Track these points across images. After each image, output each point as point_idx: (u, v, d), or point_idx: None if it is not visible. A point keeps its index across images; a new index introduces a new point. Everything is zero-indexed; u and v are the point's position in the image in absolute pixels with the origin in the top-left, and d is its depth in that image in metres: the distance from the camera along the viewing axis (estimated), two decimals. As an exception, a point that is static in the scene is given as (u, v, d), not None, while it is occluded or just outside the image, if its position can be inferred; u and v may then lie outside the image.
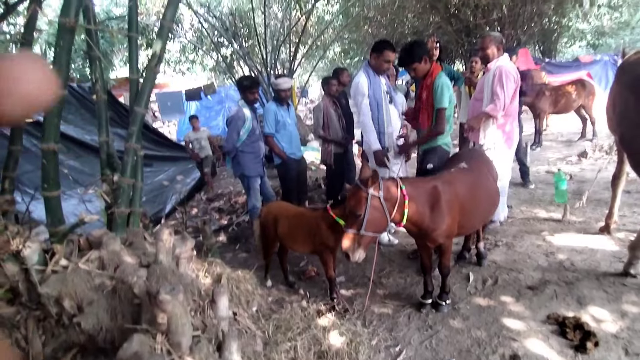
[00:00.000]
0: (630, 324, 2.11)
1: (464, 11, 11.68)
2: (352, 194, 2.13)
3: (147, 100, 2.83)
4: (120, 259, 2.16)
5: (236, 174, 3.98)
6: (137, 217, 2.81)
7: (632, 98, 2.31)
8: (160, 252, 2.11)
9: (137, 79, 2.83)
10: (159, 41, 2.77)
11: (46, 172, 2.02)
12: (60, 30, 1.84)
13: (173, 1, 2.84)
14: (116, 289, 2.07)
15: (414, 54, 2.93)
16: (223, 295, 2.17)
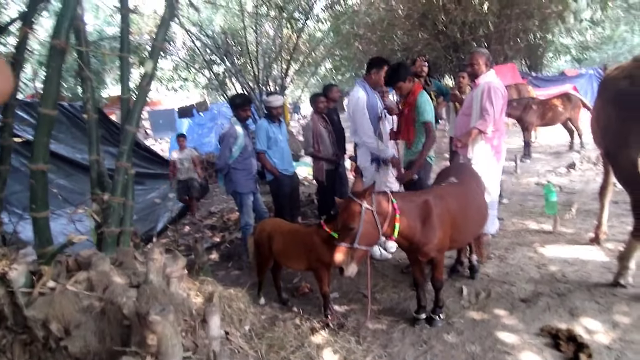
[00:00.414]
0: (622, 335, 2.11)
1: (451, 28, 11.95)
2: (345, 206, 2.14)
3: (138, 118, 2.84)
4: (109, 280, 2.13)
5: (229, 190, 3.98)
6: (127, 236, 2.79)
7: (615, 112, 2.38)
8: (151, 272, 2.09)
9: (128, 98, 2.85)
10: (150, 61, 2.81)
11: (35, 192, 2.00)
12: (52, 51, 1.86)
13: (164, 23, 2.90)
14: (105, 311, 2.04)
15: (400, 74, 3.11)
16: (215, 314, 2.15)
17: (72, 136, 6.41)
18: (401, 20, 12.72)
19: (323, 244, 2.66)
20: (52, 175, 5.58)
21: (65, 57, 1.92)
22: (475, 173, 3.09)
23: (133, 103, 2.83)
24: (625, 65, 2.41)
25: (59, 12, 1.89)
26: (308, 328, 2.67)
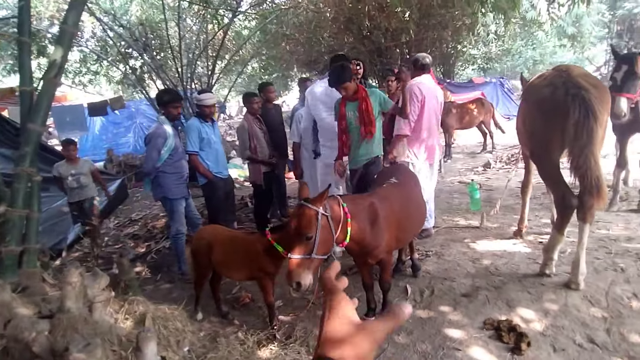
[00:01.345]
0: (553, 321, 2.29)
1: (376, 34, 12.42)
2: (300, 214, 1.98)
3: (44, 115, 2.42)
4: (11, 312, 1.75)
5: (157, 197, 3.59)
6: (33, 255, 2.36)
7: (539, 116, 2.59)
8: (68, 299, 1.75)
9: (30, 91, 2.41)
10: (59, 48, 2.40)
11: None
12: None
13: (76, 4, 2.50)
14: (8, 350, 1.66)
15: (346, 74, 3.05)
16: (150, 340, 1.86)
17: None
18: (328, 23, 12.91)
19: (267, 254, 2.51)
20: None
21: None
22: (412, 173, 3.19)
23: (37, 97, 2.40)
24: (547, 74, 2.64)
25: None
26: (254, 342, 2.49)
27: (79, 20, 2.68)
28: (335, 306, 0.58)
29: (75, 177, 4.37)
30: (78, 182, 4.38)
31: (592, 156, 2.28)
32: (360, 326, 0.55)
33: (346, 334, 0.54)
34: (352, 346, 0.52)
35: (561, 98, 2.37)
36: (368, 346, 0.52)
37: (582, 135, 2.28)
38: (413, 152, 3.66)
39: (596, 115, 2.26)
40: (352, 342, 0.52)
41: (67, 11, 2.45)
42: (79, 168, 4.43)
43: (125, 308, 2.32)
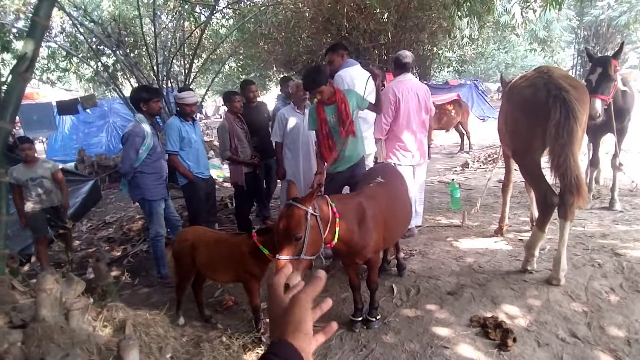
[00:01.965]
0: (536, 317, 2.34)
1: (354, 35, 12.47)
2: (289, 214, 1.93)
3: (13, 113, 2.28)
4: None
5: (135, 198, 3.45)
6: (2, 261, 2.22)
7: (521, 116, 2.64)
8: (43, 307, 1.64)
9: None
10: (30, 41, 2.27)
11: None
12: None
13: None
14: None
15: (322, 77, 2.94)
16: (132, 348, 1.77)
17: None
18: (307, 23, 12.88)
19: (253, 255, 2.45)
20: None
21: None
22: (398, 172, 3.19)
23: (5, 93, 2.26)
24: (529, 75, 2.70)
25: None
26: (239, 346, 2.43)
27: (51, 13, 2.54)
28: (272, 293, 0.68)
29: (37, 182, 3.77)
30: (42, 187, 3.79)
31: (572, 155, 2.34)
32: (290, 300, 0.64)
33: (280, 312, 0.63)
34: (287, 320, 0.60)
35: (543, 99, 2.43)
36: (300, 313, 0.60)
37: (563, 135, 2.34)
38: (394, 153, 3.69)
39: (576, 115, 2.33)
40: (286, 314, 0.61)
41: (38, 2, 2.32)
42: (38, 170, 3.83)
43: (103, 315, 2.21)
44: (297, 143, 3.85)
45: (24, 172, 3.77)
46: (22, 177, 3.73)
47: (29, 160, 3.81)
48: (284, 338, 0.58)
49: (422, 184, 4.03)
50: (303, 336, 0.59)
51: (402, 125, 3.60)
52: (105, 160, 9.23)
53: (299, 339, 0.58)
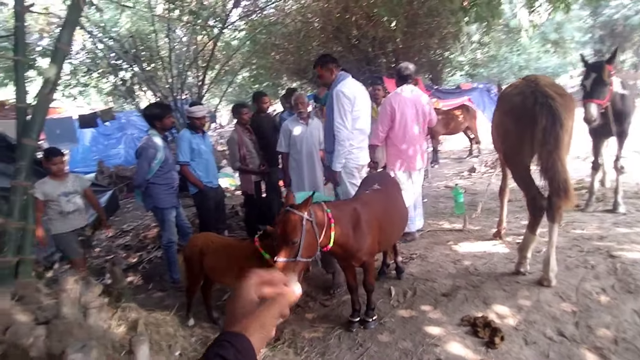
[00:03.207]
0: (526, 317, 2.43)
1: (363, 42, 12.65)
2: (285, 220, 2.09)
3: (39, 130, 2.52)
4: (10, 319, 1.84)
5: (148, 207, 3.68)
6: (28, 265, 2.44)
7: (511, 123, 2.75)
8: (64, 305, 1.85)
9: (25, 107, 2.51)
10: (53, 66, 2.52)
11: None
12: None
13: (70, 22, 2.62)
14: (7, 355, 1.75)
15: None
16: (143, 344, 1.96)
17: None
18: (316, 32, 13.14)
19: (257, 259, 2.61)
20: None
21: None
22: (394, 180, 3.34)
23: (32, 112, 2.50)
24: (518, 83, 2.82)
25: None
26: (243, 345, 2.59)
27: (72, 39, 2.79)
28: (238, 287, 0.67)
29: (69, 198, 3.44)
30: (74, 203, 3.47)
31: (559, 160, 2.44)
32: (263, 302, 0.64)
33: (248, 309, 0.63)
34: (254, 317, 0.61)
35: (530, 106, 2.54)
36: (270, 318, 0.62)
37: (550, 140, 2.44)
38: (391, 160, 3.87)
39: (562, 122, 2.43)
40: (255, 315, 0.62)
41: (61, 30, 2.57)
42: (70, 186, 3.49)
43: (118, 314, 2.41)
44: (301, 153, 4.03)
45: (55, 186, 3.41)
46: (54, 192, 3.38)
47: (60, 174, 3.46)
48: (243, 333, 0.59)
49: (420, 189, 4.14)
50: (262, 338, 0.60)
51: (398, 134, 3.76)
52: (123, 171, 9.61)
53: (258, 339, 0.59)
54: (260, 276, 0.70)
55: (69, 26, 2.57)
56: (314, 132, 3.99)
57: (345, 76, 3.37)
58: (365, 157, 3.54)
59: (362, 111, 3.35)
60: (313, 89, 17.86)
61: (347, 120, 3.23)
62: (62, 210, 3.40)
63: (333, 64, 3.41)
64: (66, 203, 3.42)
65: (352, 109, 3.25)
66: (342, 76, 3.34)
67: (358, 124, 3.35)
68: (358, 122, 3.34)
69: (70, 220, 3.45)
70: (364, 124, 3.42)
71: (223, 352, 0.56)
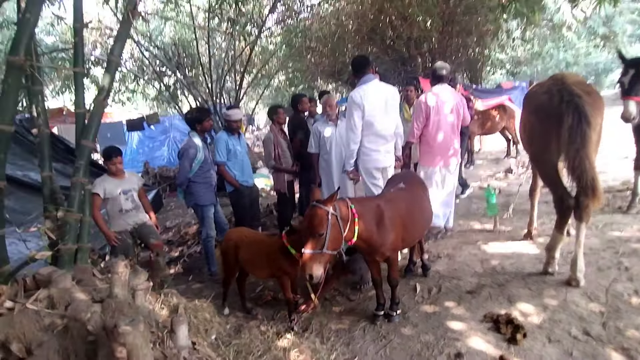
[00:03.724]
0: (551, 315, 2.42)
1: (398, 43, 12.59)
2: (312, 214, 2.23)
3: (95, 133, 2.82)
4: (71, 297, 2.11)
5: (189, 204, 3.97)
6: (85, 253, 2.74)
7: (536, 122, 2.75)
8: (116, 286, 2.09)
9: (84, 113, 2.82)
10: (107, 75, 2.81)
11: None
12: (9, 67, 1.84)
13: (121, 37, 2.91)
14: (68, 328, 2.01)
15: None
16: (182, 324, 2.18)
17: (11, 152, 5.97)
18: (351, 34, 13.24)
19: (285, 254, 2.77)
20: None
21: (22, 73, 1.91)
22: (420, 179, 3.40)
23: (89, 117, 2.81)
24: (545, 82, 2.80)
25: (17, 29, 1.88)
26: (274, 333, 2.75)
27: (122, 51, 3.09)
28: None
29: (128, 195, 3.56)
30: (133, 201, 3.59)
31: (587, 158, 2.41)
32: None
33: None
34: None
35: (556, 104, 2.53)
36: None
37: (576, 139, 2.42)
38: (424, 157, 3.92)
39: (588, 120, 2.41)
40: None
41: (113, 44, 2.86)
42: (128, 184, 3.61)
43: (161, 299, 2.66)
44: (330, 153, 4.17)
45: (115, 184, 3.55)
46: (114, 190, 3.52)
47: (118, 173, 3.62)
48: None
49: (453, 188, 4.14)
50: None
51: (432, 132, 3.80)
52: (167, 172, 10.18)
53: None
54: None
55: (120, 39, 2.86)
56: (344, 133, 4.11)
57: (366, 80, 3.46)
58: (386, 159, 3.60)
59: (377, 116, 3.42)
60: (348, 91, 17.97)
61: (353, 124, 3.40)
62: (122, 208, 3.54)
63: (357, 72, 3.61)
64: (125, 201, 3.55)
65: (362, 114, 3.38)
66: (363, 81, 3.45)
67: (374, 128, 3.44)
68: (374, 126, 3.44)
69: (127, 218, 3.60)
70: (382, 127, 3.48)
71: None
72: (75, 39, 2.81)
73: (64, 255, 2.58)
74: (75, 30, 2.80)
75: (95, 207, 3.29)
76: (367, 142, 3.47)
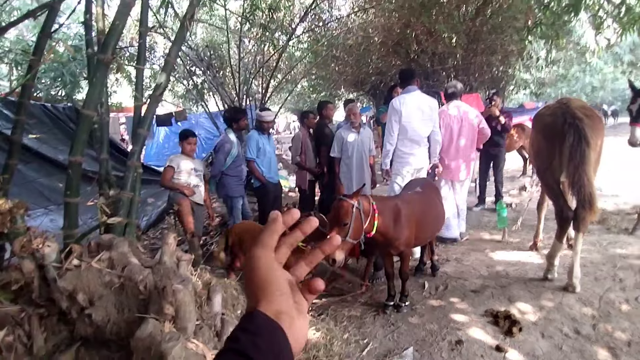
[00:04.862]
0: (546, 315, 2.66)
1: (422, 57, 12.86)
2: (339, 206, 2.54)
3: (149, 124, 3.21)
4: (127, 260, 2.46)
5: (221, 195, 4.34)
6: (132, 227, 3.11)
7: (542, 141, 3.02)
8: (165, 254, 2.44)
9: (140, 105, 3.21)
10: (163, 74, 3.20)
11: (70, 181, 2.33)
12: (98, 64, 2.22)
13: (178, 40, 3.31)
14: (124, 286, 2.37)
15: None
16: (218, 293, 2.52)
17: (54, 137, 6.48)
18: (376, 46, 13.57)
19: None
20: (34, 174, 5.71)
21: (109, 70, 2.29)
22: (435, 186, 3.69)
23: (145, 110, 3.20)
24: (551, 105, 3.08)
25: (108, 33, 2.27)
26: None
27: (177, 55, 3.49)
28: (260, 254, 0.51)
29: (198, 174, 4.00)
30: (201, 179, 4.03)
31: (585, 175, 2.66)
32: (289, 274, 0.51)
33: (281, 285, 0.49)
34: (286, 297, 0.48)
35: (560, 126, 2.80)
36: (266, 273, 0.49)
37: (576, 156, 2.68)
38: None
39: (588, 140, 2.66)
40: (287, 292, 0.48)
41: (170, 47, 3.26)
42: (198, 165, 4.08)
43: (195, 274, 3.01)
44: (352, 158, 4.49)
45: (188, 162, 3.99)
46: (187, 166, 3.95)
47: (191, 154, 4.06)
48: (257, 309, 0.46)
49: (463, 198, 4.39)
50: (277, 297, 0.47)
51: (443, 146, 4.09)
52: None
53: (271, 302, 0.47)
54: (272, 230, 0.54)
55: (177, 43, 3.26)
56: (365, 140, 4.44)
57: (409, 90, 3.86)
58: (418, 162, 3.92)
59: (412, 122, 3.76)
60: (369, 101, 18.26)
61: (391, 128, 3.81)
62: (190, 183, 3.93)
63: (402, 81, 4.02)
64: (194, 177, 3.96)
65: (399, 119, 3.75)
66: (405, 90, 3.86)
67: (408, 133, 3.78)
68: (408, 132, 3.77)
69: (196, 193, 3.98)
70: (416, 133, 3.83)
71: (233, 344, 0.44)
72: (140, 41, 3.21)
73: (116, 227, 2.95)
74: (140, 34, 3.20)
75: (167, 178, 3.88)
76: (401, 145, 3.86)
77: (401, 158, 3.90)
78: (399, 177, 3.90)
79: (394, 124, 3.78)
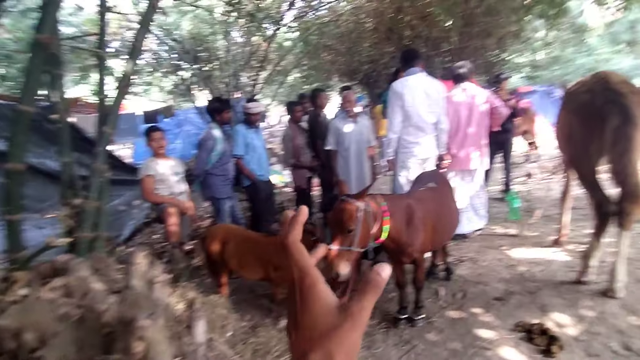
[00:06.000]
0: (588, 327, 2.29)
1: (417, 43, 12.40)
2: (342, 209, 2.11)
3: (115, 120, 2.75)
4: (88, 286, 2.03)
5: (205, 196, 3.90)
6: (101, 242, 2.67)
7: (577, 122, 2.60)
8: (134, 277, 2.01)
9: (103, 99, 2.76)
10: (130, 61, 2.74)
11: (9, 193, 1.89)
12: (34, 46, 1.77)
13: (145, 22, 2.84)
14: (84, 319, 1.94)
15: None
16: (200, 320, 2.10)
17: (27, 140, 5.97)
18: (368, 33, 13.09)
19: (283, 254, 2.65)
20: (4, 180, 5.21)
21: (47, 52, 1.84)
22: (447, 179, 3.27)
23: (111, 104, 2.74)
24: (586, 80, 2.66)
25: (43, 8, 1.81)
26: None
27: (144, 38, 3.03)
28: (310, 289, 0.45)
29: (178, 178, 3.36)
30: (182, 187, 3.44)
31: (631, 163, 2.27)
32: (342, 310, 0.44)
33: (330, 324, 0.43)
34: (338, 339, 0.42)
35: (599, 104, 2.39)
36: (356, 334, 0.43)
37: (621, 141, 2.28)
38: None
39: (635, 121, 2.26)
40: (338, 333, 0.42)
41: (137, 30, 2.80)
42: (177, 166, 3.42)
43: (177, 292, 2.59)
44: (349, 150, 4.06)
45: (164, 164, 3.32)
46: (166, 170, 3.30)
47: (161, 151, 3.37)
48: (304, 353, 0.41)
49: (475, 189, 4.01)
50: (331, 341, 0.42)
51: (450, 135, 3.68)
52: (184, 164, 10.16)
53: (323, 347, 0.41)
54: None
55: (144, 26, 2.79)
56: (363, 131, 4.01)
57: (411, 72, 3.45)
58: (424, 151, 3.52)
59: (417, 107, 3.36)
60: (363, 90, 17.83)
61: (393, 113, 3.43)
62: (173, 192, 3.35)
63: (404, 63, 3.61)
64: (176, 183, 3.36)
65: (402, 103, 3.37)
66: (407, 72, 3.46)
67: (413, 119, 3.38)
68: (414, 118, 3.36)
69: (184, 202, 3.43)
70: (422, 119, 3.43)
71: None
72: (100, 24, 2.75)
73: (81, 243, 2.52)
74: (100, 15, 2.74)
75: (149, 189, 3.24)
76: (406, 134, 3.47)
77: (405, 148, 3.51)
78: (404, 170, 3.50)
79: (397, 109, 3.39)
